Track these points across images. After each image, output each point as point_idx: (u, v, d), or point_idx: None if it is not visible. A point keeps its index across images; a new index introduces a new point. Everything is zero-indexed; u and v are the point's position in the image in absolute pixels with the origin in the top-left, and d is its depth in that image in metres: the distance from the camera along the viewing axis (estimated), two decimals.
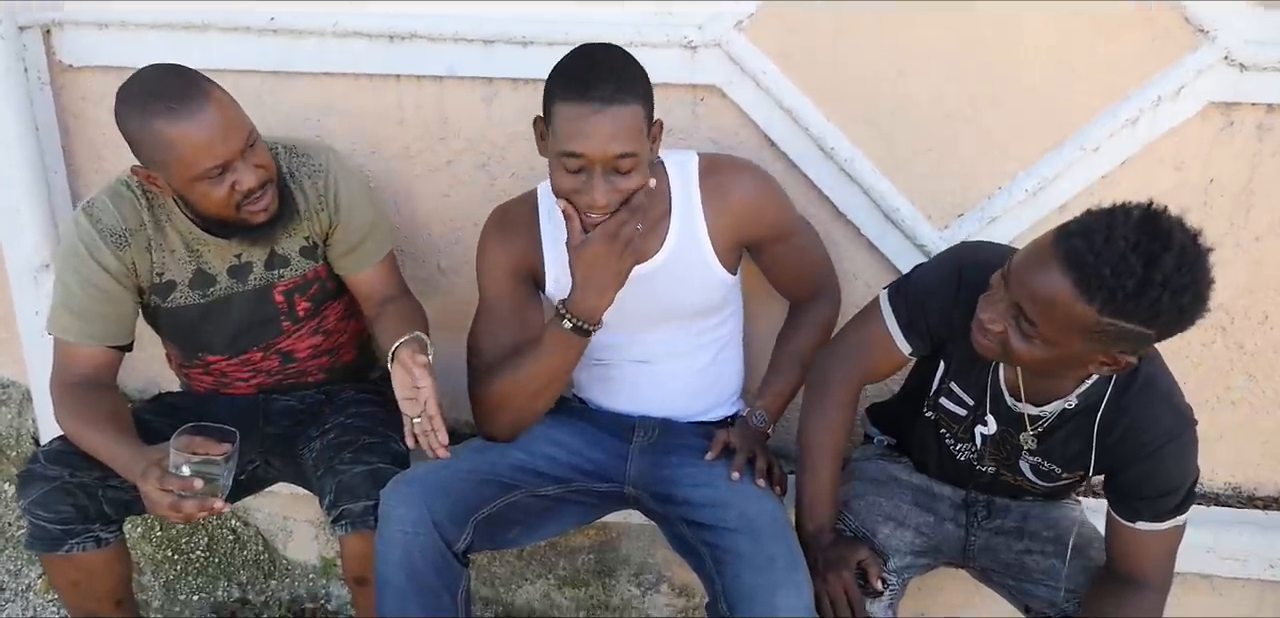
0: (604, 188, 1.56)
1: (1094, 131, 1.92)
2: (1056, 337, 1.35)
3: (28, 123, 2.12)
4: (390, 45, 2.02)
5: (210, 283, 1.86)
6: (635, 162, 1.56)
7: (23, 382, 2.50)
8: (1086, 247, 1.28)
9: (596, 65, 1.55)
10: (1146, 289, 1.25)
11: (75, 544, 1.78)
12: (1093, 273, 1.27)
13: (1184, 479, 1.53)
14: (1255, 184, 1.94)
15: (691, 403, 1.94)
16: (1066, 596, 1.72)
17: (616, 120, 1.53)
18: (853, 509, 1.81)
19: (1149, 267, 1.25)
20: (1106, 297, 1.27)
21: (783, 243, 1.86)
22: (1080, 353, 1.37)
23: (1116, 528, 1.59)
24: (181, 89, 1.61)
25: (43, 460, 1.77)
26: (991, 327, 1.42)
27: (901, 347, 1.69)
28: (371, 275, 1.94)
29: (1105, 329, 1.30)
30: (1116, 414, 1.52)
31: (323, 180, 1.85)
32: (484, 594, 2.46)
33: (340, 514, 1.78)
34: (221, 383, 2.00)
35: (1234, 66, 1.84)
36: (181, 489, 1.58)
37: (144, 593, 2.49)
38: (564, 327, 1.68)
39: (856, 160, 2.00)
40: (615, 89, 1.53)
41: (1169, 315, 1.28)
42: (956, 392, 1.69)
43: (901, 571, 1.77)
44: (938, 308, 1.63)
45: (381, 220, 1.95)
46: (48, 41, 2.13)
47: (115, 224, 1.77)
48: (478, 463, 1.79)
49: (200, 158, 1.62)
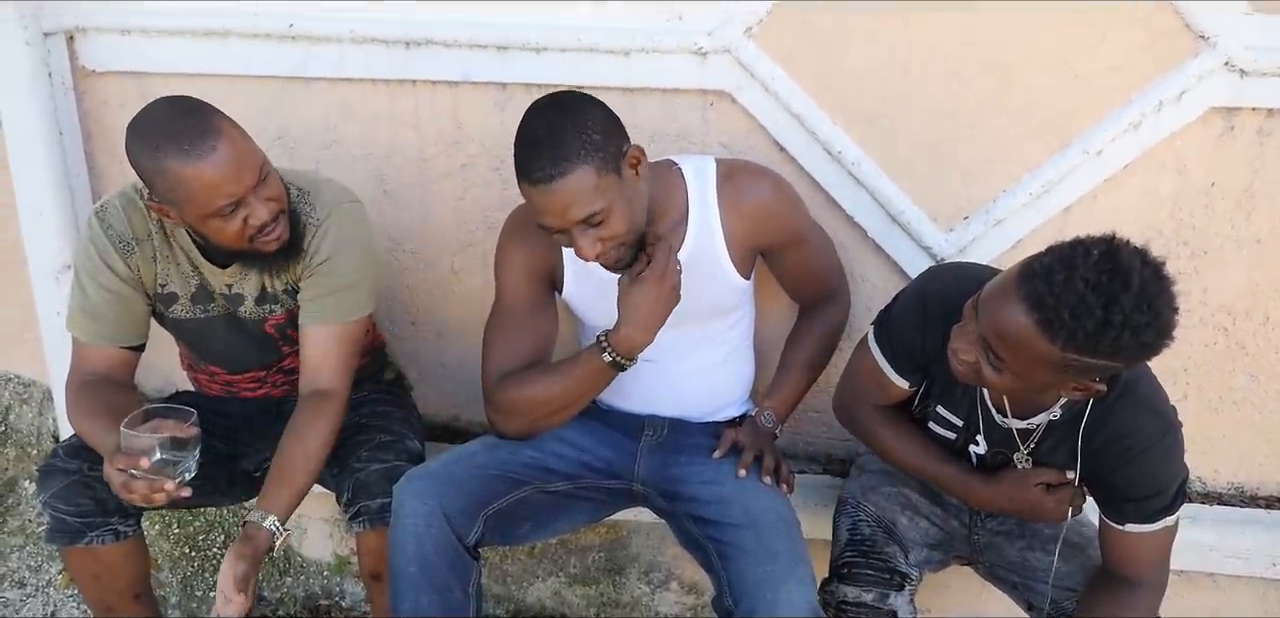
0: (586, 244, 1.59)
1: (1097, 135, 1.94)
2: (1024, 370, 1.37)
3: (51, 127, 2.16)
4: (406, 51, 2.06)
5: (209, 299, 1.87)
6: (604, 214, 1.57)
7: (44, 381, 2.54)
8: (1047, 288, 1.28)
9: (535, 144, 1.55)
10: (1106, 329, 1.26)
11: (94, 537, 1.80)
12: (1053, 314, 1.27)
13: (1170, 481, 1.54)
14: (1256, 187, 1.96)
15: (701, 403, 1.96)
16: (1065, 593, 1.73)
17: (562, 194, 1.53)
18: (871, 500, 1.82)
19: (1108, 307, 1.25)
20: (1068, 336, 1.27)
21: (797, 249, 1.88)
22: (1051, 382, 1.39)
23: (1107, 531, 1.61)
24: (193, 128, 1.59)
25: (62, 455, 1.80)
26: (965, 357, 1.43)
27: (898, 382, 1.71)
28: (317, 336, 1.82)
29: (1070, 363, 1.31)
30: (1099, 421, 1.53)
31: (313, 234, 1.80)
32: (495, 592, 2.48)
33: (357, 511, 1.82)
34: (230, 390, 2.03)
35: (1235, 72, 1.86)
36: (131, 468, 1.56)
37: (162, 589, 2.51)
38: (603, 359, 1.71)
39: (863, 164, 2.02)
40: (552, 163, 1.52)
41: (1131, 351, 1.29)
42: (943, 415, 1.70)
43: (920, 564, 1.79)
44: (910, 335, 1.65)
45: (358, 288, 1.83)
46: (71, 47, 2.17)
47: (124, 231, 1.78)
48: (489, 459, 1.82)
49: (213, 197, 1.61)
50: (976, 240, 2.04)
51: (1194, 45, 1.86)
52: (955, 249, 2.05)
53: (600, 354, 1.71)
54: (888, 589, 1.71)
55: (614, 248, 1.62)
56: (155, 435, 1.58)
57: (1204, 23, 1.84)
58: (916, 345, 1.64)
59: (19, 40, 2.08)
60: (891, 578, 1.71)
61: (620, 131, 1.62)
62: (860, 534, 1.79)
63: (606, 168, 1.56)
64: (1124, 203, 1.99)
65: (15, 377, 2.62)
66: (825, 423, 2.28)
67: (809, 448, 2.33)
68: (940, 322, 1.55)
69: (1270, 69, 1.86)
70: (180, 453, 1.60)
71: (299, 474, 1.76)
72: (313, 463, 1.78)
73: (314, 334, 1.82)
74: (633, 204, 1.62)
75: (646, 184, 1.67)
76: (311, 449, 1.78)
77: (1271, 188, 1.96)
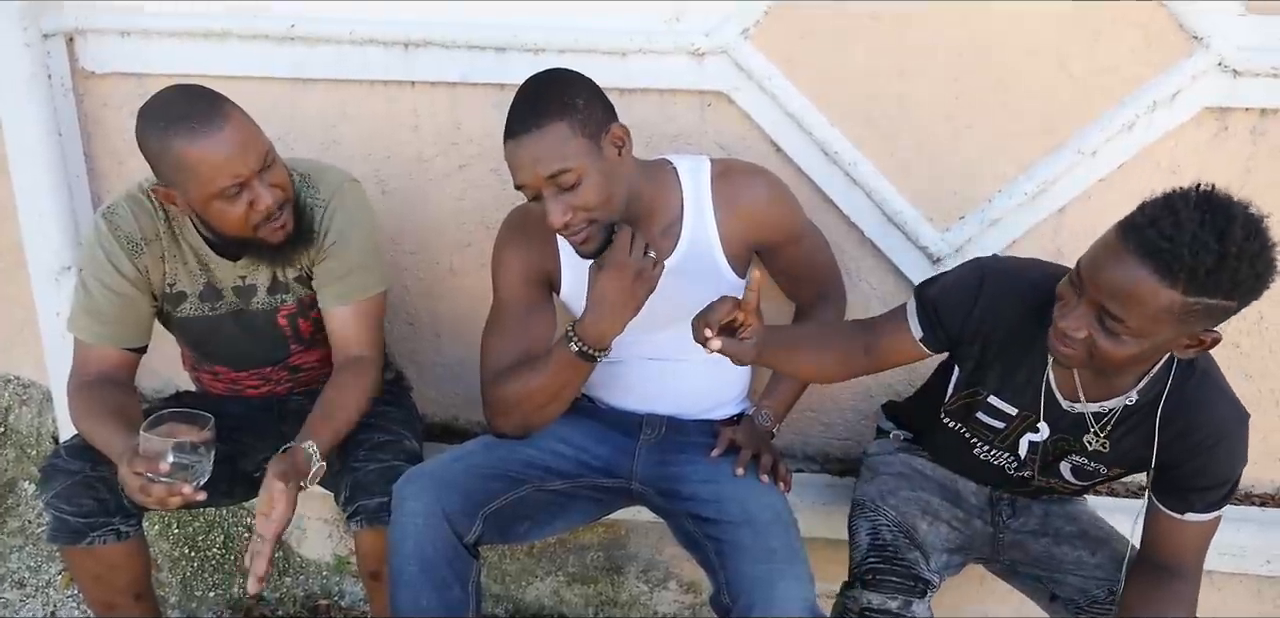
0: (555, 208, 1.61)
1: (1092, 136, 1.95)
2: (1144, 327, 1.35)
3: (51, 128, 2.17)
4: (405, 52, 2.07)
5: (217, 297, 1.88)
6: (576, 175, 1.59)
7: (43, 382, 2.54)
8: (1157, 235, 1.29)
9: (519, 100, 1.61)
10: (1225, 262, 1.27)
11: (96, 537, 1.80)
12: (1171, 257, 1.28)
13: (1234, 472, 1.54)
14: (1249, 187, 1.95)
15: (698, 402, 1.96)
16: (1096, 582, 1.75)
17: (535, 145, 1.57)
18: (890, 504, 1.79)
19: (1222, 239, 1.26)
20: (1189, 277, 1.28)
21: (792, 247, 1.89)
22: (1170, 338, 1.37)
23: (1163, 521, 1.59)
24: (200, 109, 1.62)
25: (65, 455, 1.80)
26: (1076, 334, 1.40)
27: (913, 330, 1.67)
28: (343, 316, 1.88)
29: (1192, 309, 1.31)
30: (1177, 407, 1.52)
31: (322, 213, 1.84)
32: (494, 591, 2.49)
33: (356, 510, 1.82)
34: (233, 389, 2.04)
35: (1228, 72, 1.88)
36: (149, 471, 1.56)
37: (162, 589, 2.52)
38: (571, 350, 1.71)
39: (859, 164, 2.03)
40: (529, 115, 1.58)
41: (1248, 283, 1.30)
42: (996, 405, 1.67)
43: (941, 570, 1.77)
44: (957, 304, 1.62)
45: (371, 266, 1.89)
46: (71, 49, 2.18)
47: (132, 231, 1.80)
48: (487, 458, 1.83)
49: (217, 176, 1.63)
50: (972, 240, 2.05)
51: (1187, 46, 1.88)
52: (951, 249, 2.06)
53: (567, 344, 1.71)
54: (911, 597, 1.69)
55: (584, 221, 1.63)
56: (172, 439, 1.58)
57: (1197, 23, 1.85)
58: (959, 315, 1.62)
59: (19, 42, 2.09)
60: (915, 585, 1.69)
61: (606, 108, 1.65)
62: (882, 540, 1.75)
63: (583, 133, 1.59)
64: (1118, 202, 1.98)
65: (15, 378, 2.62)
66: (823, 422, 2.30)
67: (806, 447, 2.34)
68: (993, 299, 1.55)
69: (1263, 69, 1.87)
70: (196, 457, 1.60)
71: (338, 417, 1.81)
72: (351, 411, 1.83)
73: (338, 315, 1.88)
74: (609, 180, 1.63)
75: (630, 170, 1.69)
76: (349, 398, 1.83)
77: (1265, 188, 1.96)
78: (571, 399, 1.84)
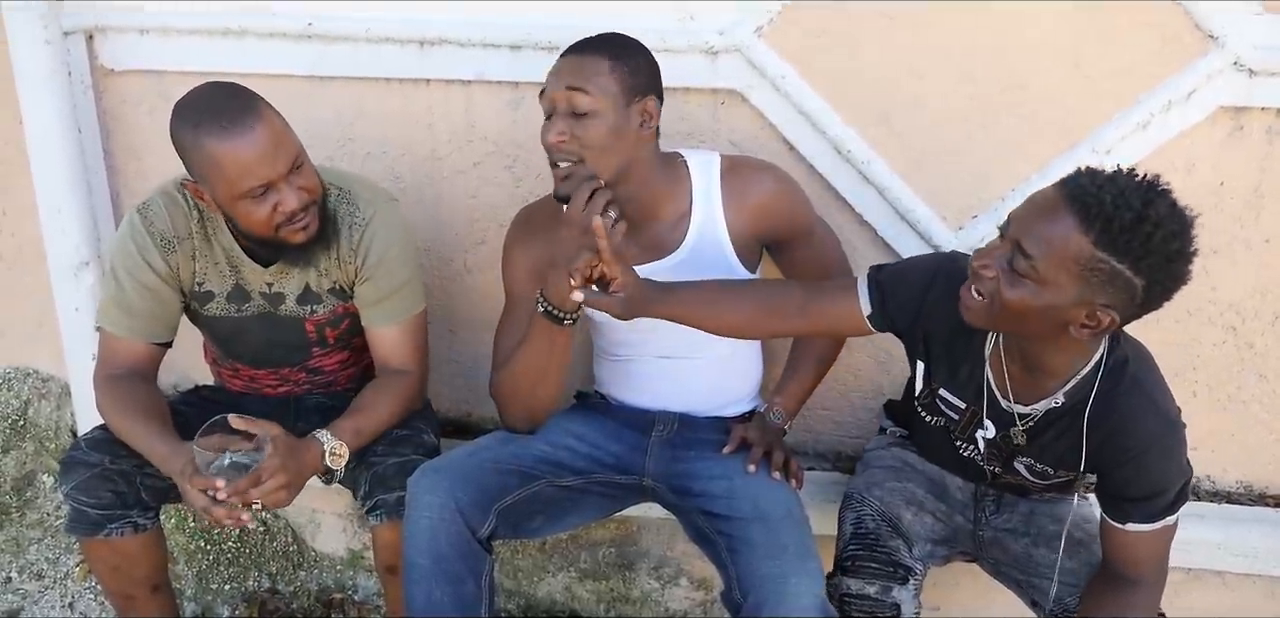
0: (557, 126, 1.67)
1: (1106, 135, 1.95)
2: (1049, 272, 1.36)
3: (70, 125, 2.19)
4: (420, 50, 2.08)
5: (245, 299, 1.90)
6: (593, 104, 1.65)
7: (62, 376, 2.56)
8: (1088, 182, 1.34)
9: (585, 37, 1.72)
10: (1141, 224, 1.29)
11: (114, 529, 1.82)
12: (1093, 202, 1.31)
13: (1171, 481, 1.53)
14: (1265, 187, 1.97)
15: (710, 398, 1.97)
16: (1070, 589, 1.73)
17: (578, 63, 1.67)
18: (875, 495, 1.83)
19: (1145, 205, 1.30)
20: (1103, 227, 1.30)
21: (801, 243, 1.89)
22: (1069, 301, 1.37)
23: (1109, 529, 1.60)
24: (234, 108, 1.63)
25: (84, 447, 1.82)
26: (985, 272, 1.42)
27: (862, 308, 1.67)
28: (386, 335, 1.91)
29: (1097, 266, 1.32)
30: (1102, 414, 1.52)
31: (360, 234, 1.84)
32: (507, 587, 2.50)
33: (374, 505, 1.84)
34: (252, 387, 2.06)
35: (1243, 72, 1.87)
36: (214, 491, 1.61)
37: (178, 581, 2.53)
38: (538, 311, 1.72)
39: (873, 163, 2.03)
40: (585, 43, 1.70)
41: (1158, 259, 1.31)
42: (947, 398, 1.70)
43: (924, 558, 1.79)
44: (910, 286, 1.64)
45: (412, 285, 1.91)
46: (90, 46, 2.20)
47: (165, 228, 1.81)
48: (501, 454, 1.83)
49: (244, 177, 1.64)
50: (985, 239, 2.03)
51: (1203, 45, 1.87)
52: (964, 248, 2.05)
53: (537, 307, 1.72)
54: (891, 583, 1.71)
55: (574, 152, 1.67)
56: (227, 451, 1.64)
57: (1213, 23, 1.85)
58: (910, 298, 1.63)
59: (39, 39, 2.11)
60: (895, 571, 1.72)
61: (653, 82, 1.72)
62: (864, 528, 1.79)
63: (619, 83, 1.67)
64: None
65: (34, 372, 2.65)
66: (834, 420, 2.30)
67: (818, 445, 2.34)
68: (943, 296, 1.57)
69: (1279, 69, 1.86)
70: (250, 464, 1.65)
71: (368, 416, 1.85)
72: (383, 413, 1.87)
73: (382, 334, 1.92)
74: (618, 137, 1.68)
75: (645, 149, 1.73)
76: (383, 400, 1.88)
77: None
78: (560, 377, 1.82)
